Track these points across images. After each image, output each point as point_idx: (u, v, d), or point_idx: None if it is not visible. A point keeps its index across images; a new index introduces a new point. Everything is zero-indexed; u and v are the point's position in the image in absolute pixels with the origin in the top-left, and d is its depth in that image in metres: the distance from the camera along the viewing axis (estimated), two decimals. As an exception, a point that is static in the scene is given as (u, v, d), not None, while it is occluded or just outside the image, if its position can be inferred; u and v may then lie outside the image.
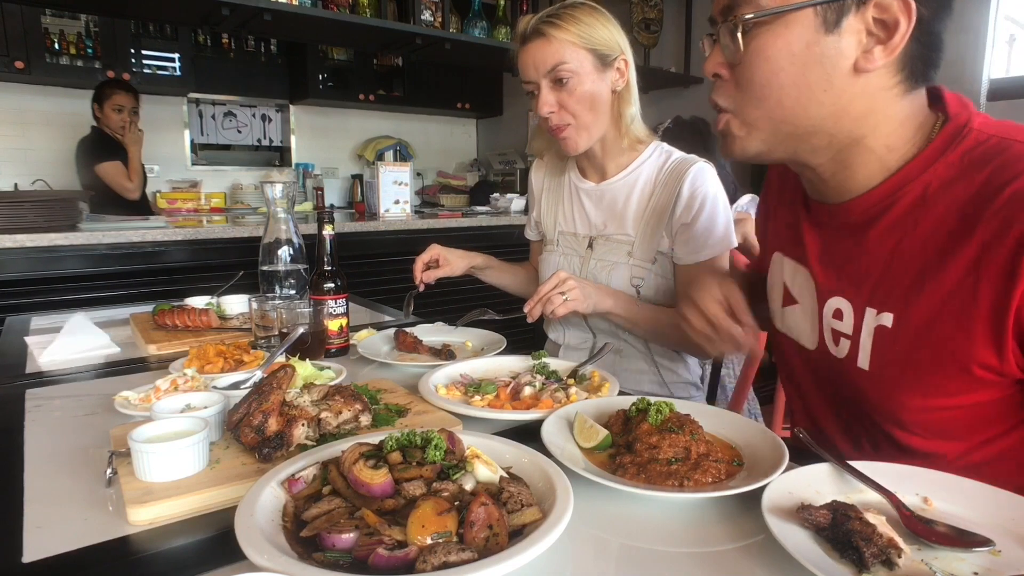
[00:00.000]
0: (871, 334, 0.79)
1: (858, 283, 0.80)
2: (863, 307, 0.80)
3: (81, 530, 0.64)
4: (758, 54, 0.73)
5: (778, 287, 0.97)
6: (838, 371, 0.85)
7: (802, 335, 0.92)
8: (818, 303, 0.87)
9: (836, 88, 0.72)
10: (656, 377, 1.43)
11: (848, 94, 0.72)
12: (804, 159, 0.80)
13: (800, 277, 0.91)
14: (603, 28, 1.30)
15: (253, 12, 2.70)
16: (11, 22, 3.57)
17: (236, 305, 1.55)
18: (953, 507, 0.65)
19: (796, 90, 0.73)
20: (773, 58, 0.72)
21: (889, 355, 0.77)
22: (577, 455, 0.79)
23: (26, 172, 3.98)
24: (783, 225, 0.98)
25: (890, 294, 0.77)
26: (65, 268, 2.30)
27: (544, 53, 1.28)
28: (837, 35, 0.69)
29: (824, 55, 0.70)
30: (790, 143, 0.78)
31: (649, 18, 3.98)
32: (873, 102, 0.73)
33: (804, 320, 0.91)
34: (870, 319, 0.79)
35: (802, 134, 0.76)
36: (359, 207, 4.70)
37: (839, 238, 0.84)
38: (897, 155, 0.76)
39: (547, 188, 1.57)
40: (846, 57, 0.70)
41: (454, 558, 0.52)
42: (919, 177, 0.74)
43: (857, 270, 0.81)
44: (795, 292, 0.93)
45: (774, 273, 0.99)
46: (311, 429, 0.81)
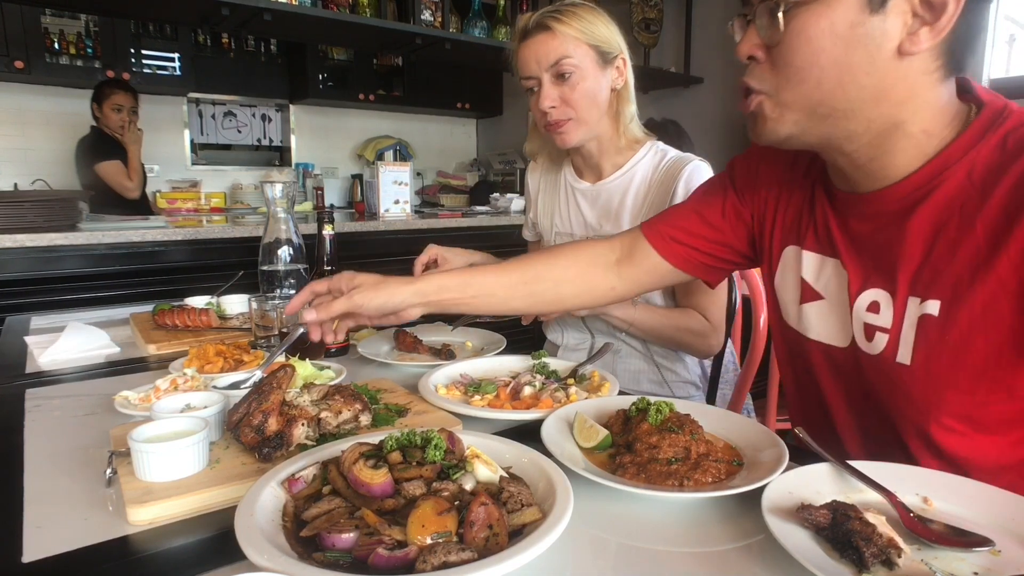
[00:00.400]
0: (914, 325, 0.75)
1: (897, 273, 0.77)
2: (905, 297, 0.76)
3: (81, 530, 0.64)
4: (799, 34, 0.70)
5: (793, 284, 0.92)
6: (871, 368, 0.81)
7: (828, 333, 0.88)
8: (852, 296, 0.83)
9: (879, 71, 0.69)
10: (655, 376, 1.43)
11: (891, 77, 0.70)
12: (838, 144, 0.77)
13: (828, 270, 0.87)
14: (604, 26, 1.31)
15: (253, 12, 2.70)
16: (11, 22, 3.57)
17: (236, 305, 1.55)
18: (953, 507, 0.65)
19: (837, 71, 0.70)
20: (815, 38, 0.69)
21: (936, 347, 0.74)
22: (577, 455, 0.79)
23: (26, 172, 3.98)
24: (793, 215, 0.93)
25: (935, 281, 0.73)
26: (65, 268, 2.30)
27: (548, 47, 1.29)
28: (883, 15, 0.67)
29: (868, 36, 0.68)
30: (825, 126, 0.75)
31: (649, 18, 3.98)
32: (914, 86, 0.71)
33: (832, 316, 0.87)
34: (913, 309, 0.75)
35: (839, 118, 0.73)
36: (359, 207, 4.70)
37: (875, 228, 0.80)
38: (935, 140, 0.74)
39: (543, 189, 1.57)
40: (891, 39, 0.68)
41: (454, 558, 0.52)
42: (961, 160, 0.72)
43: (897, 258, 0.77)
44: (820, 287, 0.88)
45: (787, 269, 0.94)
46: (311, 429, 0.81)
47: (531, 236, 1.65)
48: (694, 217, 1.03)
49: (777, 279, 0.96)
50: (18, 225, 2.26)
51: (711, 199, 1.03)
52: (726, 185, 1.03)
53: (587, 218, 1.44)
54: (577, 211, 1.46)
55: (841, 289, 0.85)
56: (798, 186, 0.93)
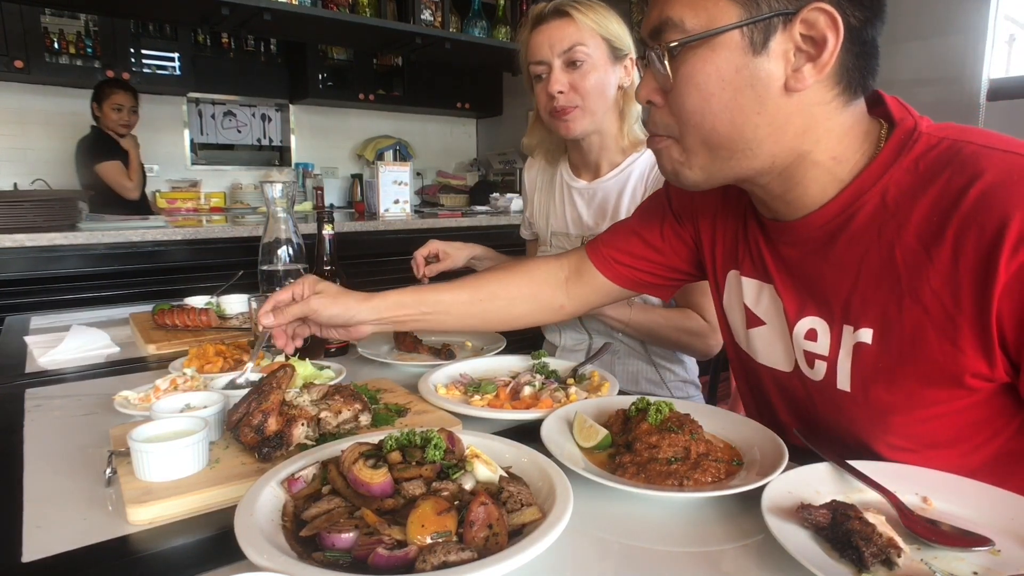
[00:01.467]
0: (850, 353, 0.75)
1: (829, 301, 0.77)
2: (839, 325, 0.76)
3: (80, 530, 0.64)
4: (688, 80, 0.71)
5: (738, 308, 0.92)
6: (816, 394, 0.82)
7: (773, 358, 0.88)
8: (788, 324, 0.83)
9: (770, 110, 0.70)
10: (654, 376, 1.43)
11: (783, 113, 0.70)
12: (750, 178, 0.77)
13: (766, 297, 0.87)
14: (617, 24, 1.33)
15: (253, 11, 2.70)
16: (10, 21, 3.57)
17: (236, 305, 1.55)
18: (952, 507, 0.65)
19: (729, 114, 0.70)
20: (703, 84, 0.70)
21: (871, 373, 0.74)
22: (577, 455, 0.79)
23: (25, 172, 3.98)
24: (729, 242, 0.93)
25: (865, 309, 0.74)
26: (64, 268, 2.30)
27: (564, 32, 1.29)
28: (766, 56, 0.68)
29: (755, 77, 0.68)
30: (730, 166, 0.75)
31: (649, 18, 3.97)
32: (811, 118, 0.71)
33: (775, 342, 0.87)
34: (847, 337, 0.75)
35: (740, 157, 0.74)
36: (359, 207, 4.70)
37: (802, 256, 0.80)
38: (847, 166, 0.74)
39: (540, 187, 1.57)
40: (776, 78, 0.68)
41: (454, 558, 0.52)
42: (874, 186, 0.72)
43: (826, 287, 0.77)
44: (761, 313, 0.88)
45: (731, 294, 0.94)
46: (311, 429, 0.81)
47: (528, 235, 1.65)
48: (635, 239, 1.04)
49: (724, 302, 0.96)
50: (18, 225, 2.26)
51: (650, 221, 1.04)
52: (664, 208, 1.03)
53: (583, 216, 1.44)
54: (573, 209, 1.46)
55: (780, 315, 0.85)
56: (731, 213, 0.93)
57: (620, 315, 1.30)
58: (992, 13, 2.76)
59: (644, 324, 1.31)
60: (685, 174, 0.78)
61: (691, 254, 1.02)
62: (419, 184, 5.41)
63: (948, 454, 0.75)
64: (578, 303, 1.09)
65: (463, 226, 3.37)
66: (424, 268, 1.47)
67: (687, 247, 1.02)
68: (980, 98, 2.80)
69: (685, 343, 1.35)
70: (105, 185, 3.44)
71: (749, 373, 0.96)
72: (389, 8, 3.17)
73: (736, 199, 0.92)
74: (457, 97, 5.24)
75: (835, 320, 0.77)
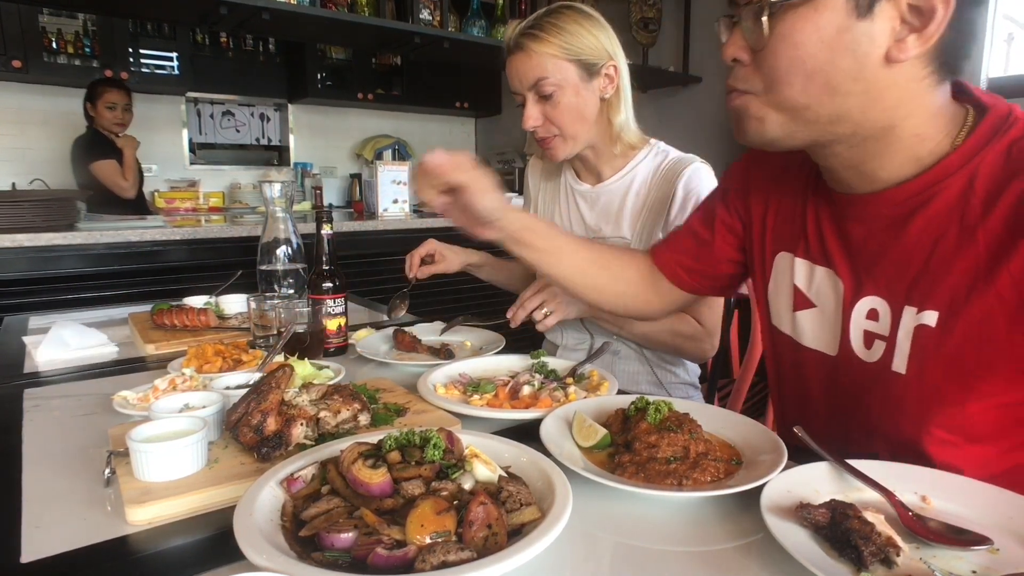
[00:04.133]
0: (910, 335, 0.74)
1: (895, 280, 0.76)
2: (901, 306, 0.75)
3: (79, 530, 0.64)
4: (784, 39, 0.68)
5: (786, 290, 0.91)
6: (865, 377, 0.80)
7: (820, 340, 0.86)
8: (846, 304, 0.81)
9: (866, 78, 0.68)
10: (653, 378, 1.43)
11: (879, 84, 0.68)
12: (827, 146, 0.76)
13: (819, 278, 0.86)
14: (589, 36, 1.26)
15: (251, 11, 2.69)
16: (9, 21, 3.56)
17: (234, 305, 1.55)
18: (952, 506, 0.65)
19: (823, 78, 0.68)
20: (801, 44, 0.67)
21: (931, 357, 0.73)
22: (576, 454, 0.79)
23: (24, 171, 3.97)
24: (784, 221, 0.92)
25: (932, 291, 0.72)
26: (63, 268, 2.29)
27: (527, 67, 1.26)
28: (870, 21, 0.66)
29: (855, 41, 0.66)
30: (811, 130, 0.73)
31: (648, 17, 3.97)
32: (904, 93, 0.69)
33: (824, 324, 0.86)
34: (908, 318, 0.74)
35: (825, 122, 0.72)
36: (358, 206, 4.70)
37: (870, 233, 0.78)
38: (928, 145, 0.72)
39: (543, 189, 1.57)
40: (878, 45, 0.66)
41: (453, 557, 0.52)
42: (962, 168, 0.71)
43: (894, 266, 0.76)
44: (812, 295, 0.87)
45: (780, 275, 0.93)
46: (310, 428, 0.81)
47: None
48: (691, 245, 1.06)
49: (771, 286, 0.95)
50: (16, 225, 2.25)
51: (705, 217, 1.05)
52: (716, 199, 1.04)
53: (587, 220, 1.44)
54: (577, 213, 1.46)
55: (832, 297, 0.84)
56: (790, 191, 0.92)
57: (615, 318, 1.29)
58: (991, 12, 2.76)
59: (639, 327, 1.31)
60: (760, 130, 0.75)
61: (738, 240, 1.02)
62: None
63: (989, 450, 0.75)
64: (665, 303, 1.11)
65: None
66: (417, 269, 1.46)
67: (735, 233, 1.01)
68: (979, 97, 2.80)
69: (679, 346, 1.35)
70: (101, 185, 3.43)
71: (786, 360, 0.94)
72: (388, 7, 3.17)
73: (796, 175, 0.91)
74: (456, 96, 5.24)
75: (897, 300, 0.76)
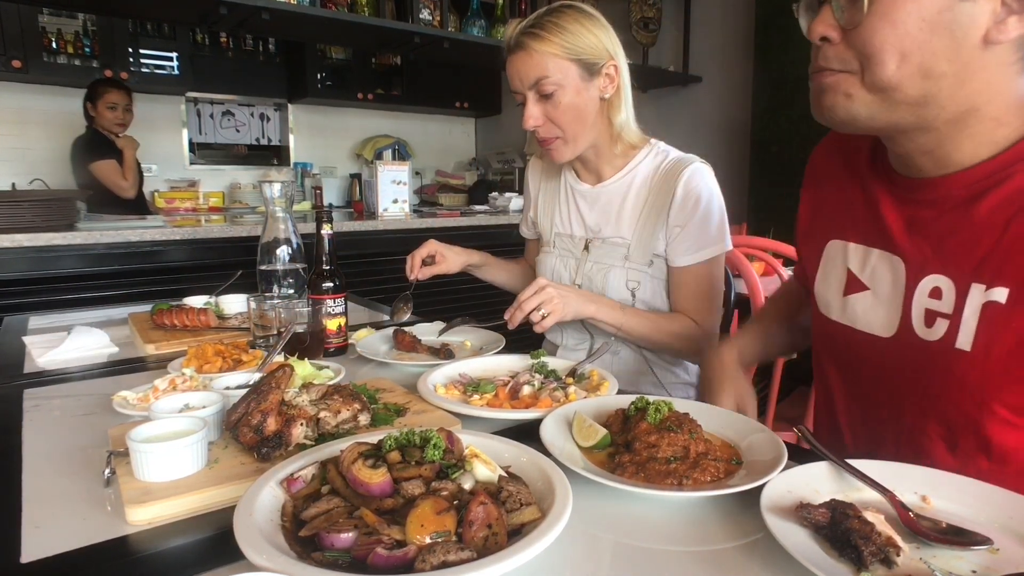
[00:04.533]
0: (976, 312, 0.74)
1: (962, 258, 0.75)
2: (967, 283, 0.75)
3: (79, 530, 0.64)
4: (884, 16, 0.67)
5: (837, 275, 0.92)
6: (925, 357, 0.80)
7: (874, 323, 0.86)
8: (908, 284, 0.81)
9: (961, 59, 0.68)
10: (652, 377, 1.43)
11: (972, 67, 0.68)
12: (906, 130, 0.76)
13: (875, 260, 0.86)
14: (589, 35, 1.26)
15: (251, 11, 2.69)
16: (8, 21, 3.56)
17: (234, 305, 1.55)
18: (952, 505, 0.66)
19: (920, 57, 0.67)
20: (900, 21, 0.67)
21: (999, 334, 0.72)
22: (576, 454, 0.79)
23: (24, 171, 3.98)
24: (837, 209, 0.93)
25: (1003, 268, 0.72)
26: (63, 268, 2.29)
27: (528, 66, 1.26)
28: (972, 1, 0.65)
29: (956, 21, 0.65)
30: (897, 113, 0.73)
31: (648, 17, 3.98)
32: (992, 77, 0.69)
33: (879, 306, 0.86)
34: (976, 295, 0.74)
35: (913, 104, 0.71)
36: (358, 206, 4.70)
37: (938, 212, 0.78)
38: (1007, 131, 0.73)
39: (543, 189, 1.57)
40: (978, 26, 0.66)
41: (453, 557, 0.52)
42: None
43: (961, 244, 0.76)
44: (866, 278, 0.87)
45: (830, 262, 0.94)
46: (310, 428, 0.81)
47: (530, 234, 1.65)
48: None
49: (819, 275, 0.96)
50: (16, 225, 2.25)
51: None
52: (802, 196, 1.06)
53: (587, 220, 1.44)
54: (577, 213, 1.46)
55: (889, 279, 0.84)
56: (848, 177, 0.93)
57: (613, 320, 1.29)
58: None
59: (636, 329, 1.30)
60: (847, 105, 0.74)
61: None
62: (418, 183, 5.41)
63: None
64: None
65: (462, 225, 3.37)
66: (418, 270, 1.45)
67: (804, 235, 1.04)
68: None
69: (677, 347, 1.35)
70: (101, 185, 3.43)
71: (838, 347, 0.94)
72: (387, 7, 3.17)
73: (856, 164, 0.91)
74: (456, 96, 5.24)
75: (964, 278, 0.76)
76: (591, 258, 1.41)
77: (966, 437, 0.79)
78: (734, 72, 3.72)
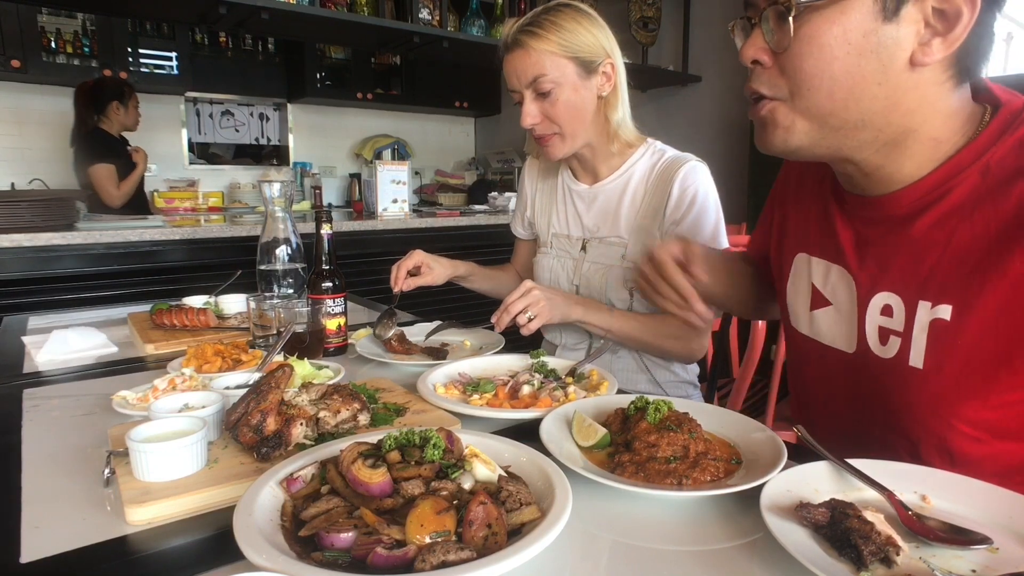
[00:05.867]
0: (925, 329, 0.74)
1: (908, 276, 0.76)
2: (915, 300, 0.76)
3: (79, 530, 0.64)
4: (811, 41, 0.68)
5: (804, 290, 0.93)
6: (883, 373, 0.80)
7: (837, 338, 0.87)
8: (860, 301, 0.82)
9: (891, 81, 0.68)
10: (651, 376, 1.43)
11: (902, 88, 0.69)
12: (847, 154, 0.76)
13: (834, 277, 0.87)
14: (587, 33, 1.27)
15: (251, 10, 2.69)
16: (7, 21, 3.56)
17: (234, 304, 1.55)
18: (951, 505, 0.66)
19: (850, 80, 0.68)
20: (827, 46, 0.67)
21: (948, 351, 0.73)
22: (576, 454, 0.79)
23: (23, 171, 3.97)
24: (804, 223, 0.94)
25: (947, 285, 0.73)
26: (62, 268, 2.29)
27: (525, 64, 1.26)
28: (896, 24, 0.66)
29: (881, 45, 0.66)
30: (835, 138, 0.74)
31: (647, 16, 3.97)
32: (925, 96, 0.70)
33: (840, 322, 0.86)
34: (923, 313, 0.75)
35: (850, 128, 0.72)
36: (357, 206, 4.70)
37: (883, 231, 0.79)
38: (946, 147, 0.73)
39: (540, 189, 1.57)
40: (903, 48, 0.67)
41: (453, 557, 0.52)
42: (974, 164, 0.71)
43: (907, 262, 0.77)
44: (828, 293, 0.88)
45: (798, 276, 0.94)
46: (309, 428, 0.81)
47: (524, 234, 1.65)
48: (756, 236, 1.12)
49: (789, 287, 0.97)
50: (15, 225, 2.25)
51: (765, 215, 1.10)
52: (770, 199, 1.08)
53: (584, 220, 1.44)
54: (574, 213, 1.46)
55: (847, 295, 0.85)
56: (811, 190, 0.94)
57: (602, 322, 1.29)
58: (990, 11, 2.76)
59: (625, 330, 1.30)
60: (787, 139, 0.75)
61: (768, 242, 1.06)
62: (417, 183, 5.41)
63: (1018, 446, 0.74)
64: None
65: (461, 225, 3.37)
66: (403, 282, 1.40)
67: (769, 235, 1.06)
68: (978, 96, 2.80)
69: (668, 348, 1.34)
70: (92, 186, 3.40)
71: (806, 359, 0.95)
72: (387, 7, 3.16)
73: (817, 178, 0.92)
74: (455, 96, 5.24)
75: (910, 295, 0.76)
76: (588, 258, 1.41)
77: (930, 452, 0.78)
78: (734, 72, 3.71)
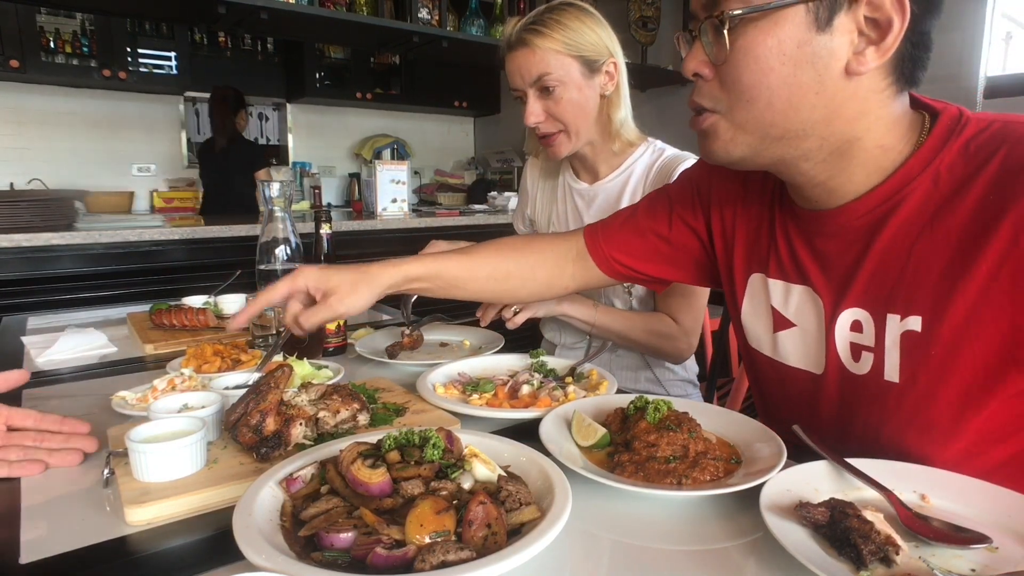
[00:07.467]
0: (897, 343, 0.74)
1: (874, 289, 0.76)
2: (883, 314, 0.75)
3: (79, 531, 0.64)
4: (746, 53, 0.69)
5: (764, 313, 0.90)
6: (859, 390, 0.79)
7: (805, 360, 0.85)
8: (827, 319, 0.81)
9: (828, 90, 0.69)
10: (651, 375, 1.43)
11: (840, 96, 0.70)
12: (793, 164, 0.76)
13: (797, 296, 0.85)
14: (591, 32, 1.27)
15: (250, 10, 2.69)
16: (6, 21, 3.55)
17: (233, 304, 1.55)
18: (951, 504, 0.66)
19: (787, 91, 0.69)
20: (762, 57, 0.68)
21: (922, 362, 0.72)
22: (575, 453, 0.79)
23: (22, 171, 3.97)
24: (754, 240, 0.91)
25: (914, 297, 0.72)
26: (61, 268, 2.29)
27: (529, 62, 1.26)
28: (829, 34, 0.67)
29: (816, 55, 0.67)
30: (778, 148, 0.74)
31: (647, 16, 3.98)
32: (865, 104, 0.71)
33: (807, 343, 0.84)
34: (894, 326, 0.74)
35: (792, 138, 0.73)
36: (356, 206, 4.70)
37: (843, 245, 0.78)
38: (892, 155, 0.73)
39: (541, 188, 1.57)
40: (838, 58, 0.68)
41: (452, 557, 0.52)
42: (924, 171, 0.72)
43: (871, 276, 0.76)
44: (790, 315, 0.86)
45: (754, 298, 0.91)
46: (309, 428, 0.81)
47: (526, 231, 1.65)
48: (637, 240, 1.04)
49: (745, 307, 0.94)
50: (14, 225, 2.25)
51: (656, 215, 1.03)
52: (669, 200, 1.02)
53: (584, 219, 1.44)
54: (575, 211, 1.46)
55: (814, 315, 0.83)
56: (755, 206, 0.91)
57: (585, 316, 1.28)
58: (989, 11, 2.76)
59: (610, 326, 1.30)
60: (729, 151, 0.76)
61: (700, 248, 1.01)
62: (417, 183, 5.41)
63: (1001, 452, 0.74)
64: (580, 284, 1.10)
65: (461, 225, 3.37)
66: None
67: (697, 240, 1.00)
68: (977, 96, 2.81)
69: (655, 346, 1.34)
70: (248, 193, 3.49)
71: (771, 380, 0.92)
72: (386, 7, 3.16)
73: (759, 192, 0.90)
74: (455, 95, 5.24)
75: (878, 309, 0.76)
76: None
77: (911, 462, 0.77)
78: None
